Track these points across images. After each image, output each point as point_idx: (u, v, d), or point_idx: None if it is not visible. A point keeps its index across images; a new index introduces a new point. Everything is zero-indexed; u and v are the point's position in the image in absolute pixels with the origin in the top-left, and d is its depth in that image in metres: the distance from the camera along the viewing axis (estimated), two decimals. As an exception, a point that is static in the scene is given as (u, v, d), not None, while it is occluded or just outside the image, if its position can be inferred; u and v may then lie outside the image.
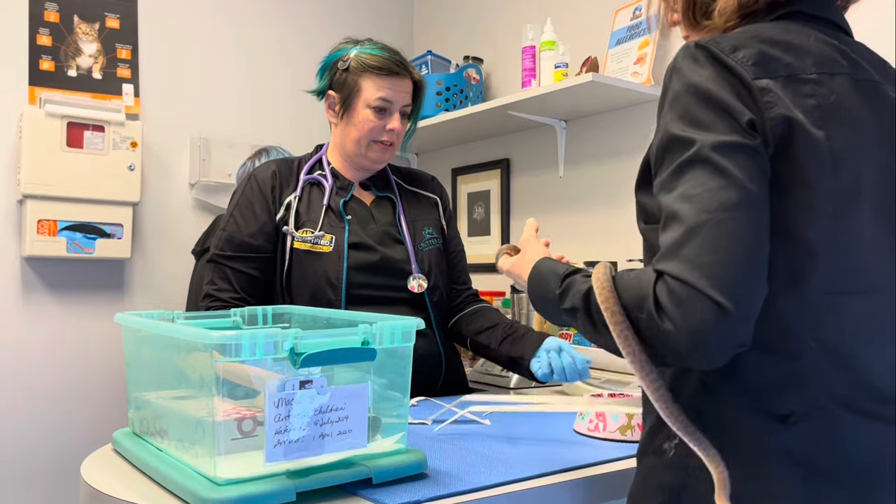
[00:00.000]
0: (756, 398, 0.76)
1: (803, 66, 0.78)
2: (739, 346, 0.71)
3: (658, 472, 0.82)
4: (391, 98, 1.53)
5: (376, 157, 1.57)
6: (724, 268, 0.70)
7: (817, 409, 0.75)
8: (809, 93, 0.77)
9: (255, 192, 1.54)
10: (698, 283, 0.69)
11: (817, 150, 0.75)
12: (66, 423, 2.34)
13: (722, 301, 0.68)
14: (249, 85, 2.70)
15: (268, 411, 0.82)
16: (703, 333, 0.69)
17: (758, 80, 0.76)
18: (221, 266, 1.51)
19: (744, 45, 0.79)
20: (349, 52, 1.56)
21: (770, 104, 0.75)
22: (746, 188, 0.72)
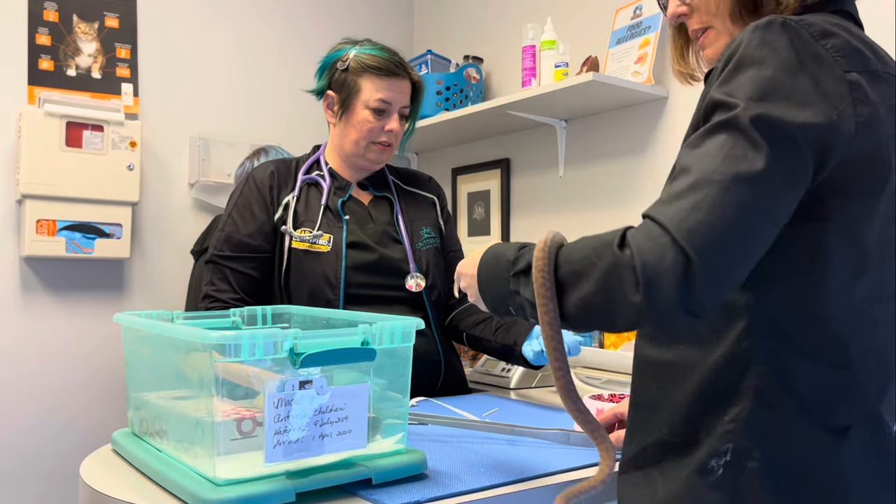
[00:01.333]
0: (812, 410, 0.73)
1: (882, 64, 0.75)
2: (689, 310, 0.66)
3: (702, 491, 0.74)
4: (390, 99, 1.53)
5: (374, 158, 1.57)
6: (712, 231, 0.65)
7: (868, 419, 0.74)
8: (887, 93, 0.74)
9: (254, 193, 1.54)
10: (678, 234, 0.65)
11: (890, 150, 0.74)
12: (66, 423, 2.33)
13: (693, 257, 0.64)
14: (249, 85, 2.70)
15: (267, 411, 0.82)
16: (657, 272, 0.65)
17: (849, 74, 0.72)
18: (220, 266, 1.51)
19: (832, 32, 0.73)
20: (348, 52, 1.56)
21: (858, 101, 0.71)
22: (772, 174, 0.67)
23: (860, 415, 0.73)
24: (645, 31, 2.09)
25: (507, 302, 0.81)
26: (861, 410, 0.73)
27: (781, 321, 0.74)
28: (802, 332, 0.74)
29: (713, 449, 0.74)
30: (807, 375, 0.73)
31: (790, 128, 0.68)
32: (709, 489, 0.74)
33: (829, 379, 0.73)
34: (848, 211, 0.73)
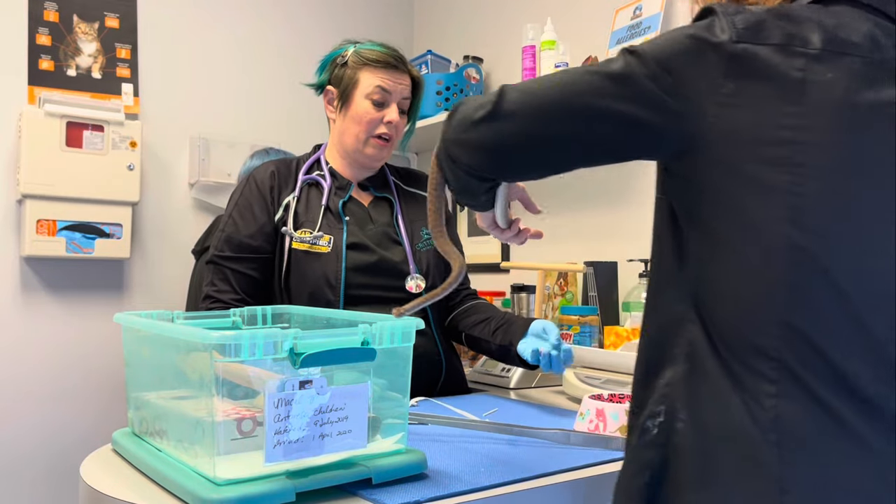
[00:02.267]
0: (736, 375, 0.77)
1: (806, 39, 0.75)
2: (477, 136, 0.82)
3: (640, 450, 0.81)
4: (389, 88, 1.54)
5: (374, 154, 1.57)
6: (527, 85, 0.80)
7: (796, 385, 0.77)
8: (800, 66, 0.74)
9: (254, 193, 1.54)
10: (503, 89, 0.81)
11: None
12: (66, 423, 2.33)
13: (499, 97, 0.81)
14: (249, 84, 2.70)
15: (267, 411, 0.82)
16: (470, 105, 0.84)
17: (737, 45, 0.74)
18: (221, 267, 1.51)
19: (747, 11, 0.77)
20: (348, 49, 1.58)
21: (731, 73, 0.74)
22: (614, 76, 0.76)
23: (787, 381, 0.73)
24: (645, 32, 2.09)
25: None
26: (788, 377, 0.73)
27: (702, 290, 0.78)
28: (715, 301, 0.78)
29: (650, 411, 0.80)
30: (730, 342, 0.75)
31: (650, 57, 0.76)
32: (645, 448, 0.80)
33: (750, 345, 0.74)
34: (739, 182, 0.75)
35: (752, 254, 0.74)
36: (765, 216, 0.73)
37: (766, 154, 0.73)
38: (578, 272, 2.06)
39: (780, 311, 0.72)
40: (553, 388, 1.74)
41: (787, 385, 0.72)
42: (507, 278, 2.52)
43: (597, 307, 1.90)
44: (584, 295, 2.01)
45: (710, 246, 0.77)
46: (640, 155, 0.81)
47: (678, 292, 0.81)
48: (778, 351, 0.72)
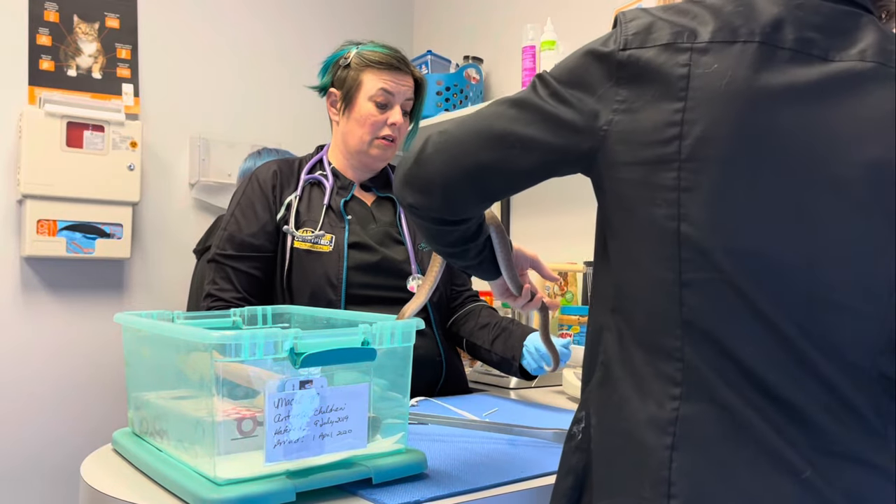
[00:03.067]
0: (644, 387, 0.78)
1: (696, 33, 0.75)
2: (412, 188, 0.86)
3: (568, 456, 0.84)
4: (392, 90, 1.54)
5: (378, 155, 1.57)
6: (442, 132, 0.84)
7: (703, 399, 0.77)
8: (684, 62, 0.74)
9: (257, 192, 1.55)
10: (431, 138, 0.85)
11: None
12: (66, 422, 2.33)
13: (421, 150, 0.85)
14: (249, 85, 2.70)
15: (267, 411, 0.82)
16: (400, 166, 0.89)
17: (623, 52, 0.76)
18: (223, 266, 1.51)
19: (644, 15, 0.78)
20: (350, 50, 1.58)
21: (621, 79, 0.76)
22: (517, 120, 0.80)
23: (692, 383, 0.72)
24: (645, 32, 2.09)
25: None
26: (693, 378, 0.72)
27: (618, 298, 0.79)
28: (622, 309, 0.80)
29: (576, 416, 0.84)
30: (641, 346, 0.76)
31: (550, 78, 0.80)
32: (571, 453, 0.83)
33: (658, 349, 0.74)
34: (635, 185, 0.76)
35: (651, 256, 0.74)
36: (658, 215, 0.73)
37: (657, 153, 0.73)
38: (578, 272, 2.06)
39: (683, 312, 0.72)
40: (553, 388, 1.75)
41: (692, 387, 0.72)
42: (507, 278, 2.52)
43: (597, 307, 1.89)
44: (584, 295, 2.01)
45: (620, 253, 0.78)
46: (558, 170, 0.83)
47: (602, 302, 0.83)
48: (681, 352, 0.72)
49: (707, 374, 0.71)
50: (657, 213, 0.73)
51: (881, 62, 0.73)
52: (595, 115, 0.77)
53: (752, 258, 0.71)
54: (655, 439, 0.72)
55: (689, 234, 0.72)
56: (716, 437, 0.71)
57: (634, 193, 0.75)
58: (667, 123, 0.73)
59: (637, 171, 0.75)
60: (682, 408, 0.72)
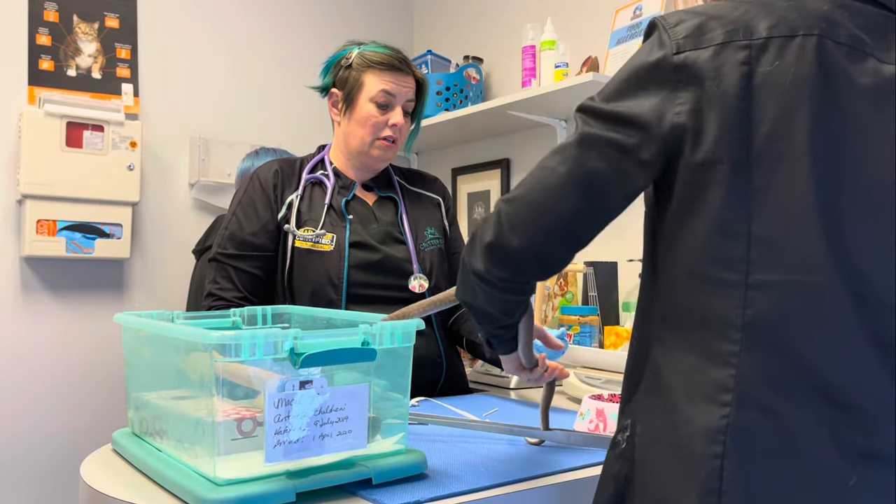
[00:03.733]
0: (689, 394, 0.78)
1: (751, 29, 0.74)
2: (501, 262, 0.81)
3: (611, 463, 0.83)
4: (393, 91, 1.54)
5: (379, 155, 1.57)
6: (519, 192, 0.80)
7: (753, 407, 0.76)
8: (744, 59, 0.73)
9: (258, 191, 1.54)
10: (499, 204, 0.81)
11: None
12: (66, 423, 2.33)
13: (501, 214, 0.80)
14: (249, 85, 2.70)
15: (267, 411, 0.82)
16: (478, 237, 0.83)
17: (677, 55, 0.74)
18: (224, 265, 1.51)
19: (689, 17, 0.76)
20: (352, 50, 1.58)
21: (679, 83, 0.74)
22: (588, 157, 0.77)
23: (745, 390, 0.71)
24: (645, 32, 2.09)
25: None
26: (747, 385, 0.71)
27: (668, 308, 0.79)
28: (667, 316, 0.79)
29: (621, 424, 0.83)
30: (689, 361, 0.75)
31: (602, 107, 0.78)
32: (614, 461, 0.83)
33: (711, 354, 0.73)
34: (702, 187, 0.74)
35: (716, 259, 0.73)
36: (727, 217, 0.72)
37: (725, 154, 0.72)
38: (578, 272, 2.06)
39: (746, 315, 0.71)
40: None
41: (744, 394, 0.71)
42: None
43: (597, 307, 1.90)
44: (584, 295, 2.01)
45: (677, 258, 0.77)
46: (638, 188, 0.79)
47: (650, 311, 0.82)
48: (737, 357, 0.71)
49: (760, 380, 0.70)
50: (726, 215, 0.72)
51: None
52: (658, 119, 0.75)
53: (829, 258, 0.70)
54: (705, 447, 0.71)
55: (761, 235, 0.71)
56: (766, 446, 0.70)
57: (701, 195, 0.74)
58: (733, 124, 0.72)
59: (704, 173, 0.73)
60: (732, 415, 0.70)
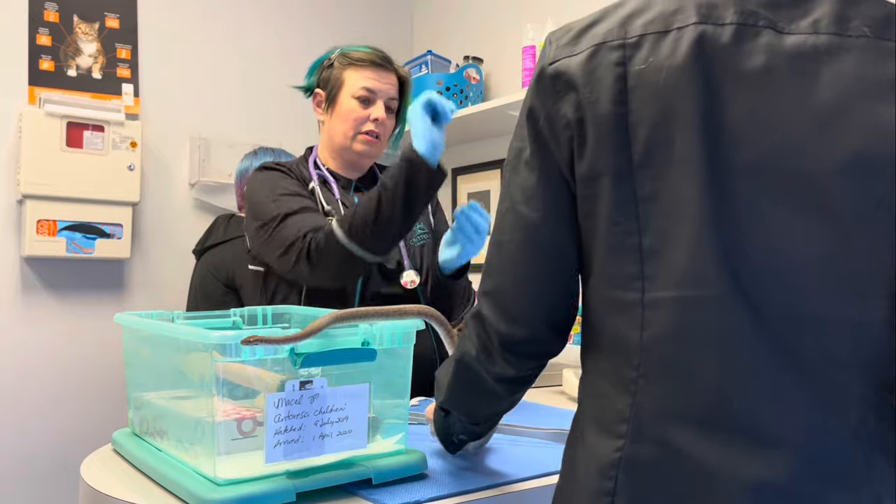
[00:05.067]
0: (599, 425, 0.75)
1: (626, 28, 0.67)
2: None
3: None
4: (374, 88, 1.56)
5: (363, 150, 1.58)
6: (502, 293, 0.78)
7: (642, 440, 0.72)
8: (618, 60, 0.67)
9: (280, 174, 1.53)
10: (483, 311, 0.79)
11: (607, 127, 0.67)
12: (66, 423, 2.33)
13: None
14: (249, 85, 2.70)
15: (268, 411, 0.82)
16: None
17: (552, 66, 0.70)
18: (298, 214, 1.44)
19: (578, 23, 0.72)
20: (334, 52, 1.61)
21: (559, 94, 0.69)
22: (521, 212, 0.74)
23: (637, 436, 0.65)
24: (645, 32, 2.09)
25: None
26: (638, 431, 0.65)
27: (584, 334, 0.79)
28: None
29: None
30: (601, 387, 0.73)
31: (514, 150, 0.76)
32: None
33: (614, 393, 0.69)
34: (592, 199, 0.70)
35: (614, 276, 0.69)
36: (618, 231, 0.68)
37: (607, 164, 0.67)
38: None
39: (644, 338, 0.67)
40: (553, 389, 1.74)
41: (640, 424, 0.66)
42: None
43: (597, 307, 1.89)
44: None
45: (588, 277, 0.74)
46: (572, 214, 0.73)
47: (583, 340, 0.82)
48: (635, 384, 0.68)
49: (656, 409, 0.64)
50: (617, 230, 0.67)
51: (837, 33, 0.64)
52: (553, 135, 0.70)
53: (727, 270, 0.63)
54: (598, 483, 0.66)
55: (652, 248, 0.65)
56: (661, 484, 0.63)
57: (593, 210, 0.69)
58: (609, 131, 0.66)
59: (592, 185, 0.68)
60: (626, 448, 0.65)
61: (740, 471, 0.61)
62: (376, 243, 1.37)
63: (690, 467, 0.63)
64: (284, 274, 1.46)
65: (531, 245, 0.75)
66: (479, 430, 0.96)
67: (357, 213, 1.35)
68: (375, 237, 1.36)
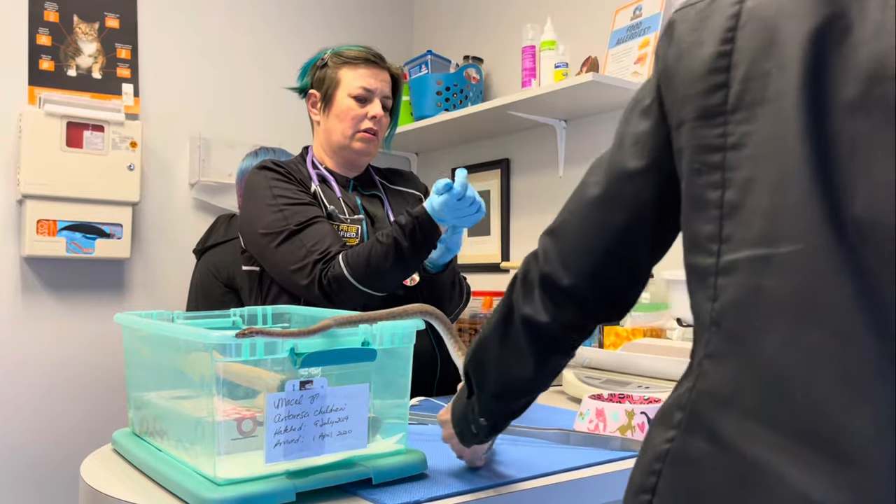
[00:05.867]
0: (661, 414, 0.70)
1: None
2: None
3: None
4: (371, 86, 1.57)
5: (361, 149, 1.58)
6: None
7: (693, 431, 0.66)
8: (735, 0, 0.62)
9: (283, 178, 1.52)
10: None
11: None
12: (66, 422, 2.33)
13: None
14: (249, 85, 2.70)
15: (268, 411, 0.82)
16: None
17: (674, 13, 0.67)
18: (304, 229, 1.43)
19: None
20: (326, 52, 1.62)
21: (670, 40, 0.66)
22: (617, 158, 0.73)
23: (690, 427, 0.58)
24: (645, 32, 2.09)
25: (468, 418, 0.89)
26: (692, 421, 0.58)
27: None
28: None
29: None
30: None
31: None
32: None
33: (684, 378, 0.64)
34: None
35: (693, 237, 0.64)
36: (700, 183, 0.62)
37: (702, 105, 0.63)
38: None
39: (713, 310, 0.61)
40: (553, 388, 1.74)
41: (694, 414, 0.60)
42: (506, 278, 2.52)
43: (597, 307, 1.89)
44: (584, 295, 2.00)
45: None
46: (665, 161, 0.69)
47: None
48: (700, 367, 0.62)
49: (715, 397, 0.56)
50: (700, 182, 0.60)
51: None
52: (666, 83, 0.67)
53: (820, 219, 0.51)
54: (640, 478, 0.61)
55: (734, 203, 0.57)
56: (709, 485, 0.55)
57: (680, 164, 0.64)
58: (709, 72, 0.60)
59: (683, 131, 0.63)
60: (676, 440, 0.58)
61: (796, 482, 0.50)
62: (387, 285, 1.43)
63: (740, 467, 0.53)
64: (291, 288, 1.47)
65: (612, 196, 0.72)
66: (499, 409, 0.86)
67: (371, 263, 1.37)
68: (386, 281, 1.42)
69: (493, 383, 0.83)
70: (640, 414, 1.15)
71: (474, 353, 0.85)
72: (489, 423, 0.87)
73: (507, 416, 0.88)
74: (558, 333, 0.76)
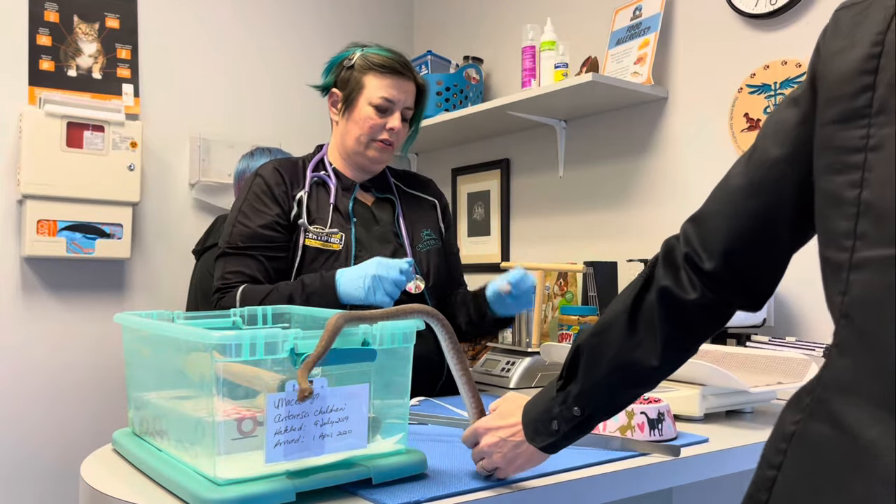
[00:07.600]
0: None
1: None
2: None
3: None
4: (393, 98, 1.53)
5: (375, 157, 1.57)
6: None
7: (817, 417, 0.69)
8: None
9: (263, 188, 1.53)
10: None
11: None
12: (66, 423, 2.33)
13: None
14: (249, 85, 2.70)
15: (268, 411, 0.82)
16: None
17: (837, 11, 0.68)
18: (233, 256, 1.49)
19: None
20: (355, 52, 1.58)
21: (829, 34, 0.67)
22: (762, 147, 0.73)
23: (817, 412, 0.61)
24: (644, 32, 2.09)
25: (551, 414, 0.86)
26: (819, 406, 0.61)
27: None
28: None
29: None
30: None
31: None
32: None
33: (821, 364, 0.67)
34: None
35: (828, 234, 0.66)
36: (838, 182, 0.64)
37: (846, 108, 0.65)
38: (578, 272, 2.06)
39: (845, 302, 0.63)
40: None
41: (821, 400, 0.63)
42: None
43: (597, 307, 1.90)
44: (584, 295, 2.01)
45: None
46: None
47: None
48: (830, 356, 0.64)
49: (841, 384, 0.59)
50: (839, 180, 0.62)
51: None
52: (822, 76, 0.67)
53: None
54: (769, 454, 0.65)
55: (871, 201, 0.59)
56: (829, 470, 0.58)
57: (818, 161, 0.66)
58: (857, 74, 0.63)
59: (825, 130, 0.65)
60: (802, 423, 0.62)
61: None
62: None
63: (855, 450, 0.56)
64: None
65: (754, 182, 0.73)
66: (602, 398, 0.82)
67: (263, 304, 1.39)
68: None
69: (609, 365, 0.80)
70: (639, 414, 1.15)
71: (594, 332, 0.82)
72: (583, 415, 0.83)
73: (607, 410, 0.84)
74: (695, 314, 0.77)
